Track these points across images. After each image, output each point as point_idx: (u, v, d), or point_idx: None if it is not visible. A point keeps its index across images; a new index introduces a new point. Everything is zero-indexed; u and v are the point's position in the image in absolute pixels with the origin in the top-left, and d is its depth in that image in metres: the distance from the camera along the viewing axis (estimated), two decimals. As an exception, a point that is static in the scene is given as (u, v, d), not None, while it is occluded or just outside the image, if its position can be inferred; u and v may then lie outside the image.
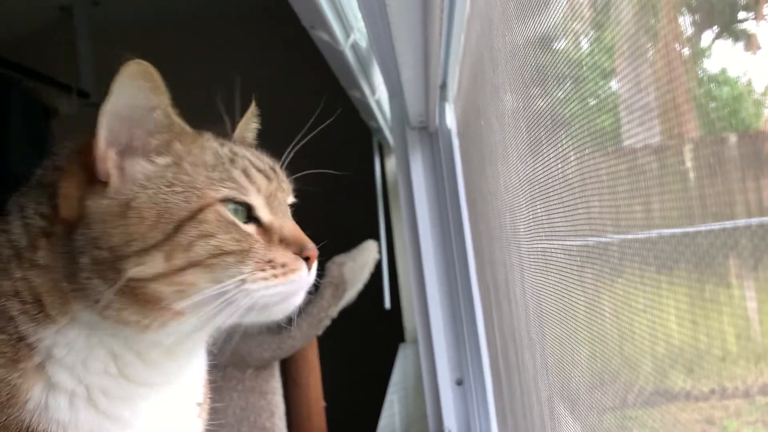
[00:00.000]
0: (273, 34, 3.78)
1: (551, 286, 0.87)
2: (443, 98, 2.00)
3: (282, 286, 0.79)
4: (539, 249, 0.93)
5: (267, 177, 0.85)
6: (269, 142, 0.98)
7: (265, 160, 0.88)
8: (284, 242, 0.82)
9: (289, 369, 2.49)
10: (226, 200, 0.79)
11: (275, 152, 0.95)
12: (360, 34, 1.80)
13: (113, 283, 0.75)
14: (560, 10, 0.72)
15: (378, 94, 2.49)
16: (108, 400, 0.79)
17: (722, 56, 0.42)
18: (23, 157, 3.10)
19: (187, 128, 0.84)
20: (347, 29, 1.68)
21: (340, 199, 1.01)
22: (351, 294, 2.32)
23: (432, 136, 2.07)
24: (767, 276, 0.41)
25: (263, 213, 0.82)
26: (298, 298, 0.83)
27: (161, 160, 0.80)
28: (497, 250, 1.34)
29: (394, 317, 3.89)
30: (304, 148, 1.00)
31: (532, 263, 0.98)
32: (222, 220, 0.78)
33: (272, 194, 0.84)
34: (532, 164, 0.90)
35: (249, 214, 0.81)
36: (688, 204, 0.46)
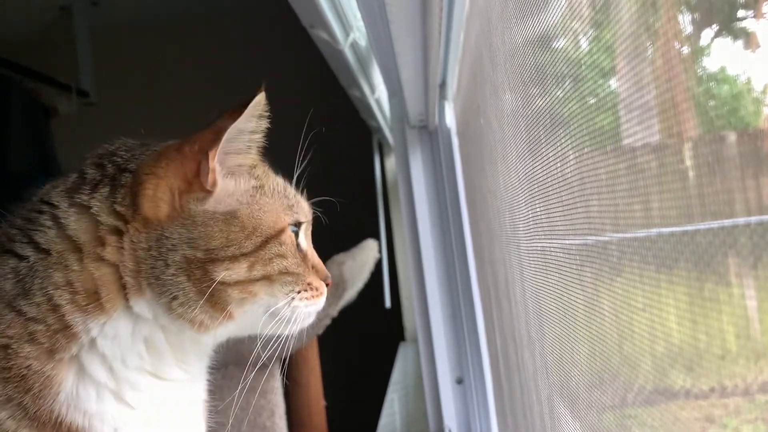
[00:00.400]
0: (272, 34, 3.78)
1: (551, 285, 0.87)
2: (443, 97, 2.00)
3: (314, 306, 0.92)
4: (539, 248, 0.93)
5: (308, 207, 0.96)
6: (268, 142, 0.98)
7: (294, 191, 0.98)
8: (315, 268, 0.94)
9: (289, 368, 2.49)
10: (291, 225, 0.91)
11: (274, 153, 0.95)
12: (359, 33, 1.79)
13: (199, 283, 0.83)
14: (559, 9, 0.72)
15: (378, 94, 2.49)
16: (134, 394, 0.84)
17: (721, 54, 0.42)
18: (23, 157, 3.10)
19: (259, 155, 0.93)
20: (347, 28, 1.68)
21: (341, 197, 1.01)
22: (351, 293, 2.32)
23: (432, 135, 2.07)
24: (767, 274, 0.41)
25: (302, 240, 0.93)
26: (313, 318, 0.95)
27: (253, 181, 0.90)
28: (497, 249, 1.34)
29: (394, 316, 3.89)
30: (304, 149, 1.00)
31: (532, 262, 0.98)
32: (292, 243, 0.90)
33: (308, 223, 0.96)
34: (532, 163, 0.90)
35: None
36: (687, 203, 0.46)
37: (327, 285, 0.95)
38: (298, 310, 0.89)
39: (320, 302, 0.93)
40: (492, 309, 1.58)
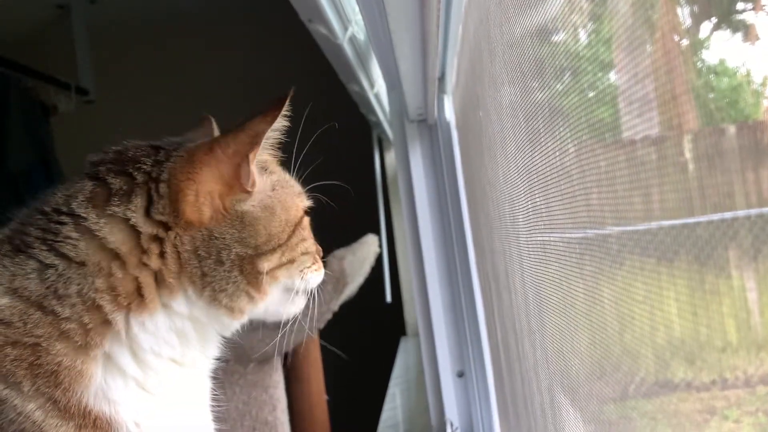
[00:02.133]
0: (271, 30, 3.77)
1: (551, 276, 0.87)
2: (442, 90, 1.99)
3: (319, 276, 1.01)
4: (539, 239, 0.93)
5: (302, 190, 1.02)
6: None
7: None
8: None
9: (290, 363, 2.49)
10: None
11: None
12: (358, 27, 1.79)
13: (248, 276, 0.89)
14: (558, 1, 0.72)
15: (377, 88, 2.49)
16: (155, 381, 0.88)
17: (721, 47, 0.42)
18: (22, 155, 3.10)
19: None
20: (345, 22, 1.68)
21: (340, 194, 1.02)
22: (352, 288, 2.32)
23: (431, 129, 2.06)
24: (767, 266, 0.41)
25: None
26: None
27: (273, 175, 0.96)
28: (497, 241, 1.34)
29: (395, 311, 3.89)
30: (303, 144, 1.00)
31: (532, 254, 0.98)
32: (307, 226, 0.99)
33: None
34: (531, 155, 0.90)
35: None
36: (687, 195, 0.46)
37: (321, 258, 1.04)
38: (313, 280, 0.99)
39: (323, 272, 1.02)
40: (492, 301, 1.59)
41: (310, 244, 0.98)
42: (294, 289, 0.96)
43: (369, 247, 2.49)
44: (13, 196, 3.03)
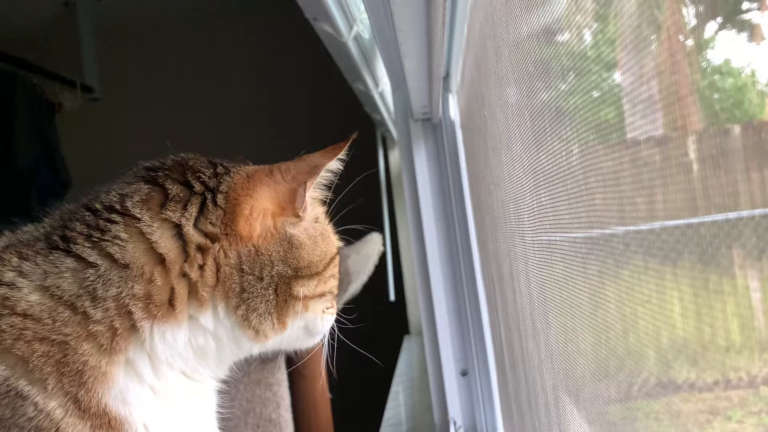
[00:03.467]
0: (276, 28, 3.77)
1: (556, 276, 0.87)
2: (446, 89, 1.99)
3: (332, 319, 1.03)
4: (544, 239, 0.93)
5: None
6: (274, 135, 0.98)
7: None
8: None
9: (294, 361, 2.50)
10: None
11: (278, 145, 0.96)
12: (363, 25, 1.79)
13: (281, 297, 0.92)
14: (563, 0, 0.72)
15: (381, 87, 2.48)
16: (169, 389, 0.89)
17: (726, 47, 0.42)
18: (28, 153, 3.11)
19: None
20: (350, 21, 1.68)
21: (345, 192, 1.02)
22: (355, 286, 2.33)
23: (435, 128, 2.06)
24: (771, 267, 0.41)
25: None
26: None
27: (318, 209, 1.01)
28: (501, 240, 1.34)
29: (398, 310, 3.90)
30: (308, 143, 1.01)
31: (537, 254, 0.98)
32: (338, 266, 1.02)
33: None
34: (536, 155, 0.90)
35: None
36: (691, 195, 0.46)
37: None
38: (328, 323, 1.02)
39: (335, 316, 1.05)
40: (496, 301, 1.59)
41: (336, 284, 1.02)
42: (313, 329, 0.99)
43: (373, 246, 2.50)
44: (20, 193, 3.03)
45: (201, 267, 0.89)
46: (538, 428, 1.12)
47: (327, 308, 1.00)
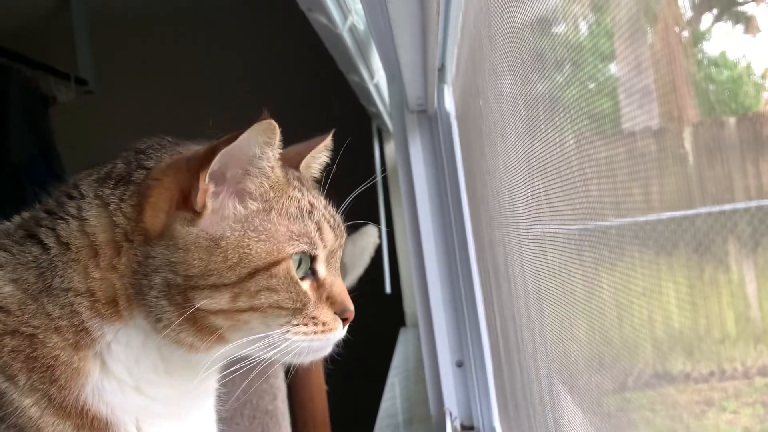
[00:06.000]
0: (271, 19, 3.75)
1: (550, 266, 0.88)
2: (442, 81, 1.99)
3: (317, 342, 0.86)
4: (538, 229, 0.93)
5: (335, 234, 0.90)
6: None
7: (333, 213, 0.92)
8: (330, 300, 0.88)
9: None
10: (300, 254, 0.84)
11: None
12: (358, 16, 1.78)
13: (180, 309, 0.79)
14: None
15: (377, 79, 2.48)
16: (154, 389, 0.84)
17: (722, 39, 0.41)
18: (22, 146, 3.09)
19: (281, 177, 0.86)
20: (345, 12, 1.67)
21: (340, 185, 1.01)
22: (352, 279, 2.33)
23: (431, 120, 2.06)
24: (766, 258, 0.41)
25: (321, 268, 0.87)
26: (327, 350, 0.90)
27: (253, 205, 0.83)
28: (496, 231, 1.34)
29: (394, 302, 3.90)
30: (304, 135, 1.00)
31: (531, 244, 0.98)
32: (288, 277, 0.82)
33: (334, 251, 0.89)
34: (531, 145, 0.89)
35: (311, 265, 0.86)
36: (687, 187, 0.46)
37: (346, 319, 0.89)
38: (295, 343, 0.84)
39: (330, 337, 0.87)
40: (492, 292, 1.59)
41: (287, 299, 0.82)
42: (273, 347, 0.84)
43: (369, 238, 2.50)
44: (14, 187, 3.02)
45: (128, 261, 0.80)
46: (533, 417, 1.12)
47: (294, 325, 0.83)
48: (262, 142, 0.81)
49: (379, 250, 3.08)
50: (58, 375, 0.79)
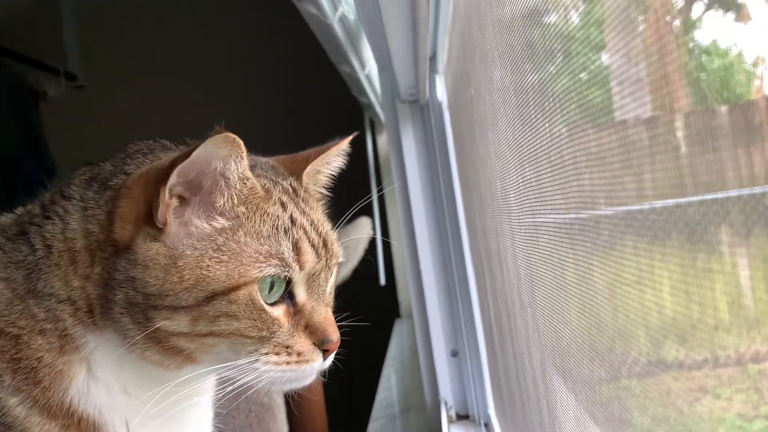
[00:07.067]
0: (260, 10, 3.73)
1: (542, 253, 0.88)
2: (433, 70, 1.98)
3: (291, 373, 0.80)
4: (530, 216, 0.93)
5: (317, 254, 0.82)
6: (261, 121, 0.97)
7: (322, 231, 0.85)
8: (309, 329, 0.81)
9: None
10: (271, 277, 0.78)
11: (265, 131, 0.94)
12: (348, 6, 1.77)
13: (142, 327, 0.76)
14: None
15: (368, 69, 2.47)
16: (142, 392, 0.83)
17: (713, 27, 0.41)
18: (12, 141, 3.07)
19: (259, 191, 0.80)
20: (335, 1, 1.66)
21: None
22: (345, 271, 2.33)
23: (423, 109, 2.05)
24: (759, 245, 0.41)
25: (299, 291, 0.81)
26: (307, 381, 0.85)
27: (218, 223, 0.77)
28: (489, 219, 1.35)
29: (389, 293, 3.90)
30: (296, 128, 0.99)
31: (524, 231, 0.98)
32: (251, 304, 0.76)
33: (316, 273, 0.82)
34: (522, 133, 0.89)
35: (287, 287, 0.80)
36: (679, 175, 0.46)
37: (327, 350, 0.82)
38: (265, 374, 0.79)
39: (306, 369, 0.81)
40: (485, 280, 1.59)
41: (249, 326, 0.77)
42: (245, 374, 0.79)
43: (362, 230, 2.49)
44: (4, 183, 3.00)
45: (102, 271, 0.77)
46: (527, 403, 1.13)
47: (264, 353, 0.78)
48: (223, 155, 0.75)
49: (372, 242, 3.08)
50: (41, 377, 0.78)
